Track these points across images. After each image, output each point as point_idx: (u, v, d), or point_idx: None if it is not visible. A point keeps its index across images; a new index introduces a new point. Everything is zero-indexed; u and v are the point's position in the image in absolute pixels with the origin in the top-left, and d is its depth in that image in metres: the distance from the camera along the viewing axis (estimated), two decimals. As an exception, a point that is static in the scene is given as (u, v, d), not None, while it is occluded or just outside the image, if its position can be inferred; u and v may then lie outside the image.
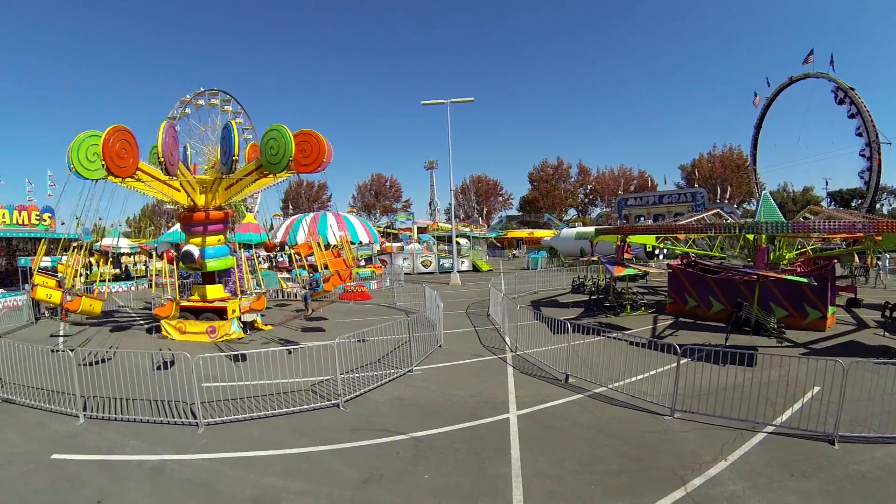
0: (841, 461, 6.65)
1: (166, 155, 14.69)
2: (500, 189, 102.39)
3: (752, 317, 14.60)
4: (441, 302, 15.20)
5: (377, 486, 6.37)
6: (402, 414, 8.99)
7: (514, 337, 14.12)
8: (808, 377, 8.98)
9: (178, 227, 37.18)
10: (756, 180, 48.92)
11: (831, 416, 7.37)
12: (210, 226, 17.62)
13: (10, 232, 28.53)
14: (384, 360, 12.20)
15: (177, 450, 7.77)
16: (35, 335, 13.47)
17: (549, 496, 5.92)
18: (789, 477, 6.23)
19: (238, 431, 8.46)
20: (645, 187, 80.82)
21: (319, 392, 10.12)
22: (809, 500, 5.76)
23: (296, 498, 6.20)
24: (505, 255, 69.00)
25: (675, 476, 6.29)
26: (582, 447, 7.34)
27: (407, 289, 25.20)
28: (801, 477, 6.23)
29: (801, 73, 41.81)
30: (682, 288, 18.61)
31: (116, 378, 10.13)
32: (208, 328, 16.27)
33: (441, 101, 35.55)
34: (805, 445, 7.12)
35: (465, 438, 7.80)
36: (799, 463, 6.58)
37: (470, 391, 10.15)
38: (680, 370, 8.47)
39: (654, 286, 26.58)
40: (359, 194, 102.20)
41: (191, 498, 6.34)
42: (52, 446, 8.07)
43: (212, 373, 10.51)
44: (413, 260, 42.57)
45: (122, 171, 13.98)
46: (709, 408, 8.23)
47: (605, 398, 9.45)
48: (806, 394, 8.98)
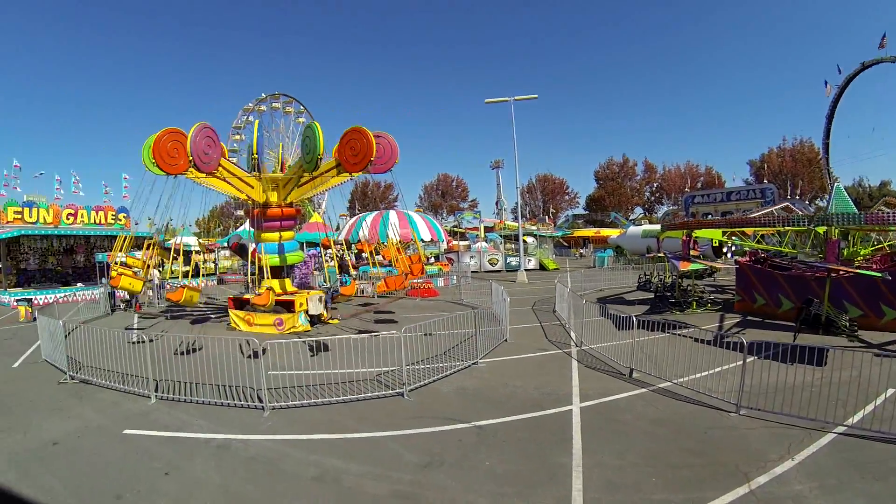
0: (916, 465, 6.34)
1: (199, 154, 15.02)
2: (566, 188, 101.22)
3: (821, 314, 13.88)
4: (507, 297, 15.34)
5: (437, 470, 6.62)
6: (466, 403, 9.23)
7: (578, 332, 14.09)
8: (881, 379, 8.46)
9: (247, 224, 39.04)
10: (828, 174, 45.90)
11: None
12: (284, 221, 18.34)
13: (88, 230, 30.43)
14: (450, 352, 12.48)
15: (242, 430, 8.19)
16: (111, 325, 14.88)
17: (608, 486, 6.02)
18: (859, 479, 6.02)
19: (302, 416, 8.83)
20: (712, 184, 77.90)
21: (384, 382, 10.41)
22: (879, 503, 5.59)
23: (356, 478, 6.47)
24: (572, 255, 68.18)
25: (739, 472, 6.21)
26: (644, 440, 7.37)
27: (474, 286, 25.54)
28: (871, 479, 6.01)
29: (874, 59, 38.47)
30: (750, 285, 17.86)
31: (187, 363, 10.86)
32: (276, 321, 16.58)
33: (504, 100, 35.66)
34: (877, 448, 6.82)
35: (527, 428, 7.98)
36: (870, 465, 6.34)
37: (534, 383, 10.31)
38: (746, 367, 8.27)
39: (723, 284, 25.59)
40: (425, 194, 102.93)
41: (254, 474, 6.72)
42: (124, 422, 8.67)
43: (279, 361, 11.00)
44: (480, 258, 42.90)
45: (172, 168, 14.84)
46: (776, 406, 8.01)
47: (669, 393, 9.37)
48: (879, 396, 8.50)
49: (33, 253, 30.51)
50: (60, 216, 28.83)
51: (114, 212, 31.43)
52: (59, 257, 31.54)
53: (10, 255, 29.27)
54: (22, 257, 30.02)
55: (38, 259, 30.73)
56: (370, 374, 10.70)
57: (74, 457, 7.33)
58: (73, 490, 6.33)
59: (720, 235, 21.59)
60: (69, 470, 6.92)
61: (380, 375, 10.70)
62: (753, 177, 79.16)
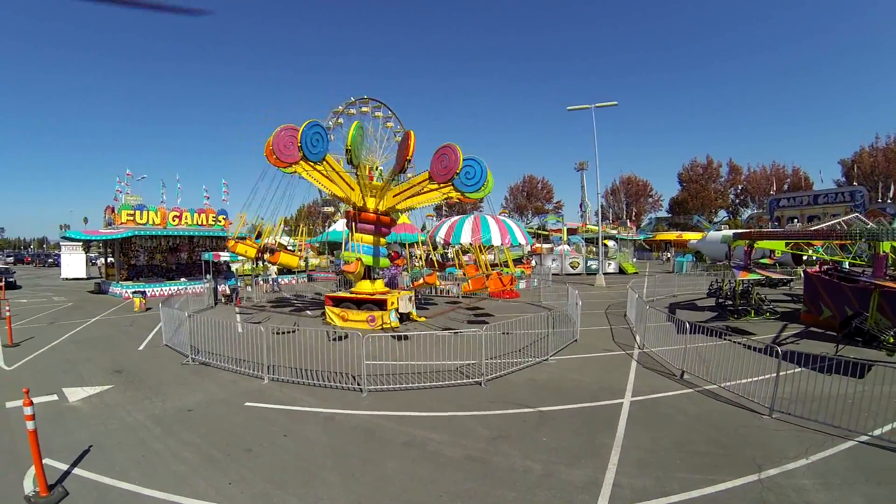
0: (923, 475, 6.46)
1: (280, 148, 16.12)
2: (649, 190, 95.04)
3: (864, 327, 13.25)
4: (580, 300, 15.81)
5: (504, 442, 7.62)
6: (533, 392, 10.05)
7: (643, 335, 14.42)
8: None
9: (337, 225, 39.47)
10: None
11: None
12: (382, 228, 18.71)
13: (192, 231, 31.22)
14: (525, 349, 13.08)
15: (344, 406, 9.14)
16: (216, 316, 15.57)
17: (638, 463, 6.85)
18: (863, 481, 6.31)
19: (394, 397, 9.69)
20: (799, 186, 70.21)
21: (465, 372, 11.13)
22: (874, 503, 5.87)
23: (438, 445, 7.47)
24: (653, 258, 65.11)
25: (754, 464, 6.75)
26: (679, 431, 8.01)
27: (553, 288, 25.71)
28: (874, 483, 6.27)
29: None
30: (816, 296, 16.91)
31: (293, 352, 11.82)
32: (368, 317, 16.99)
33: (586, 107, 34.63)
34: (892, 458, 6.97)
35: (582, 414, 8.84)
36: (878, 472, 6.57)
37: (594, 379, 11.03)
38: (788, 376, 8.56)
39: (799, 293, 24.25)
40: (511, 196, 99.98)
41: (356, 438, 7.75)
42: (244, 397, 9.70)
43: (374, 352, 11.48)
44: (562, 261, 42.12)
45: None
46: (809, 413, 8.17)
47: (712, 394, 9.77)
48: None
49: (143, 251, 31.36)
50: (167, 218, 29.97)
51: (214, 214, 32.18)
52: (165, 255, 32.34)
53: (123, 252, 30.84)
54: (133, 254, 31.12)
55: (146, 256, 31.65)
56: (454, 366, 11.39)
57: (207, 420, 8.49)
58: (211, 443, 7.51)
59: (783, 247, 20.58)
60: (205, 429, 8.08)
61: (461, 367, 11.40)
62: (844, 177, 69.80)
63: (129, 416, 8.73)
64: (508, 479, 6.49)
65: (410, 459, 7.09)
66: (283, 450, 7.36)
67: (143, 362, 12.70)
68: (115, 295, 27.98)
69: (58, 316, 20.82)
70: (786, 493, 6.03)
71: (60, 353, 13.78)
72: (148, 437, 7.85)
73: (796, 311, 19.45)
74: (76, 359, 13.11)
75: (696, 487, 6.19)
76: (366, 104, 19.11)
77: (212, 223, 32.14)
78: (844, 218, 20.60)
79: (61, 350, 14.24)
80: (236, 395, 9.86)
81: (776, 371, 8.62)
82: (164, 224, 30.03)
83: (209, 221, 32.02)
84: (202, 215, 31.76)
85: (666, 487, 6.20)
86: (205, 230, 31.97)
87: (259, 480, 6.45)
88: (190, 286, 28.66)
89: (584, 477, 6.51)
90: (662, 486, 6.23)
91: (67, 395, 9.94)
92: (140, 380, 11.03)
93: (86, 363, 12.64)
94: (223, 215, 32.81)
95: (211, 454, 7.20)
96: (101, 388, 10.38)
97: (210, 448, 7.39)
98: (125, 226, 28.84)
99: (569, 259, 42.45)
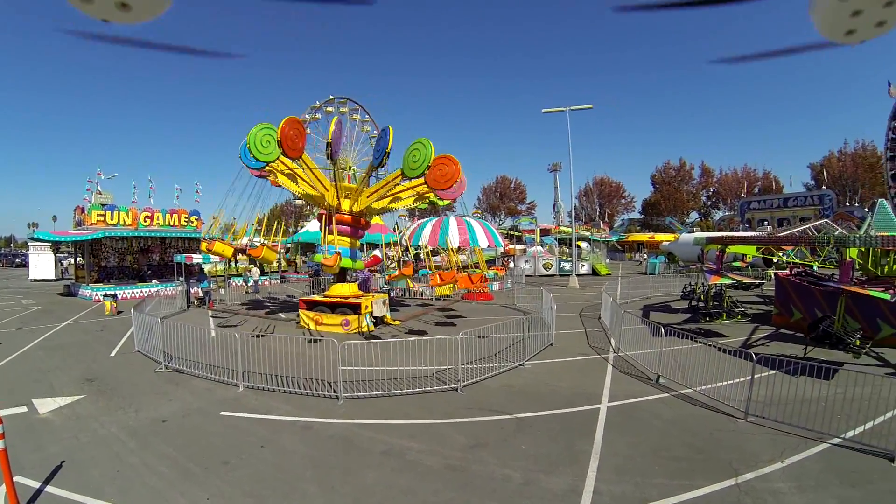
0: (893, 477, 6.61)
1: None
2: (622, 191, 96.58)
3: (831, 330, 13.57)
4: (555, 304, 15.77)
5: (482, 450, 7.53)
6: (510, 398, 9.93)
7: (618, 339, 14.41)
8: (891, 398, 8.30)
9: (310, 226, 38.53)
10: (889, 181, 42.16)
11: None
12: (357, 230, 18.61)
13: (164, 232, 30.44)
14: (500, 354, 12.98)
15: (321, 414, 9.00)
16: (189, 321, 15.21)
17: (617, 470, 6.81)
18: (837, 483, 6.40)
19: (371, 404, 9.54)
20: (770, 189, 72.37)
21: (441, 378, 10.93)
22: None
23: (417, 454, 7.35)
24: (625, 259, 65.87)
25: (731, 469, 6.77)
26: (656, 436, 8.00)
27: (527, 291, 25.49)
28: (847, 485, 6.36)
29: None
30: (788, 299, 17.26)
31: (270, 356, 11.63)
32: (343, 321, 16.63)
33: (560, 109, 34.69)
34: (863, 459, 7.08)
35: (559, 421, 8.76)
36: (851, 473, 6.67)
37: (571, 384, 10.96)
38: (757, 377, 8.59)
39: (770, 296, 24.74)
40: (484, 196, 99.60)
41: (334, 448, 7.60)
42: (219, 405, 9.44)
43: (349, 358, 11.25)
44: (535, 262, 42.08)
45: (294, 152, 15.82)
46: (784, 416, 8.25)
47: (688, 398, 9.80)
48: (885, 413, 8.46)
49: (113, 252, 30.56)
50: (139, 219, 29.13)
51: (187, 214, 31.48)
52: (136, 256, 31.61)
53: (93, 253, 29.78)
54: (103, 256, 30.18)
55: (117, 257, 30.81)
56: (430, 372, 11.20)
57: (183, 431, 8.24)
58: (187, 456, 7.27)
59: (755, 251, 20.97)
60: (181, 441, 7.83)
61: (437, 373, 11.21)
62: (814, 181, 72.22)
63: (102, 429, 8.36)
64: (488, 487, 6.38)
65: (390, 469, 6.95)
66: (262, 461, 7.17)
67: (116, 370, 12.24)
68: (85, 298, 27.05)
69: (26, 320, 19.92)
70: (762, 497, 6.07)
71: (30, 361, 13.14)
72: (122, 450, 7.52)
73: (768, 312, 19.85)
74: (46, 367, 12.49)
75: (674, 493, 6.17)
76: (344, 104, 19.23)
77: (184, 224, 31.48)
78: (815, 223, 21.01)
79: (30, 357, 13.59)
80: (211, 404, 9.60)
81: (751, 374, 8.70)
82: (136, 225, 29.25)
83: (181, 222, 31.35)
84: (174, 216, 31.08)
85: (645, 494, 6.18)
86: (177, 231, 31.26)
87: (238, 494, 6.22)
88: (162, 288, 27.99)
89: (563, 485, 6.43)
90: (642, 493, 6.20)
91: (38, 406, 9.45)
92: (113, 389, 10.63)
93: (56, 371, 12.05)
94: (196, 216, 32.13)
95: (188, 468, 6.94)
96: (73, 399, 9.92)
97: (187, 461, 7.14)
98: (95, 226, 27.89)
99: (542, 260, 42.52)
